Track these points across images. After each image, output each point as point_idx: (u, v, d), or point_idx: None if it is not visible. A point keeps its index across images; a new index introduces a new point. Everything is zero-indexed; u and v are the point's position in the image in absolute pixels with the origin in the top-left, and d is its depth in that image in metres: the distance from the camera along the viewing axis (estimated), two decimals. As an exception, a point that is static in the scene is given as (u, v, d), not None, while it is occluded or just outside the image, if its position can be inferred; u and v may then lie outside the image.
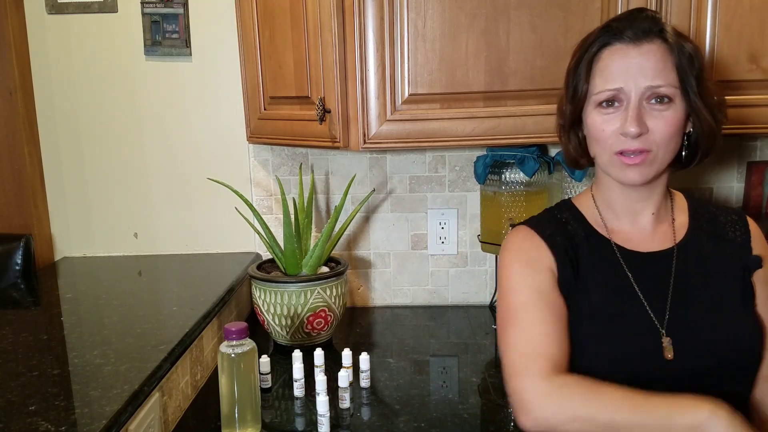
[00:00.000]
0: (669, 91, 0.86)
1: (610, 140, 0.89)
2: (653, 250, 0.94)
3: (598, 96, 0.89)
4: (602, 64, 0.89)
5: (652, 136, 0.87)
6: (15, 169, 1.62)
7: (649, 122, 0.87)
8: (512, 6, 1.21)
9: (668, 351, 0.87)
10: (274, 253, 1.46)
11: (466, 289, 1.71)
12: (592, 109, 0.91)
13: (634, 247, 0.94)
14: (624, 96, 0.87)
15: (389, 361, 1.36)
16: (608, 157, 0.90)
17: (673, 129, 0.87)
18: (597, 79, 0.90)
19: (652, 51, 0.87)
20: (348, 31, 1.26)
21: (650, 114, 0.87)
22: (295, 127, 1.40)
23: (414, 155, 1.65)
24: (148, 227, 1.73)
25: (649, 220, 0.96)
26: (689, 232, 0.96)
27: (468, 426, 1.09)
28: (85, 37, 1.63)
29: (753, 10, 1.20)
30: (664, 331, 0.88)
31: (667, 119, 0.87)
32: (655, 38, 0.87)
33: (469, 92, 1.25)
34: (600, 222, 0.98)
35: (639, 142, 0.87)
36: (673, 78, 0.87)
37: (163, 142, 1.68)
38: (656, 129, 0.87)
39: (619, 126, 0.87)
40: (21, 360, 1.06)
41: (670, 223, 0.97)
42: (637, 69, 0.86)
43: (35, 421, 0.86)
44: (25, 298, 1.47)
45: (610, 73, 0.88)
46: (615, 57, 0.88)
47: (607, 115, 0.89)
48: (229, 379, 1.02)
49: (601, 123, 0.89)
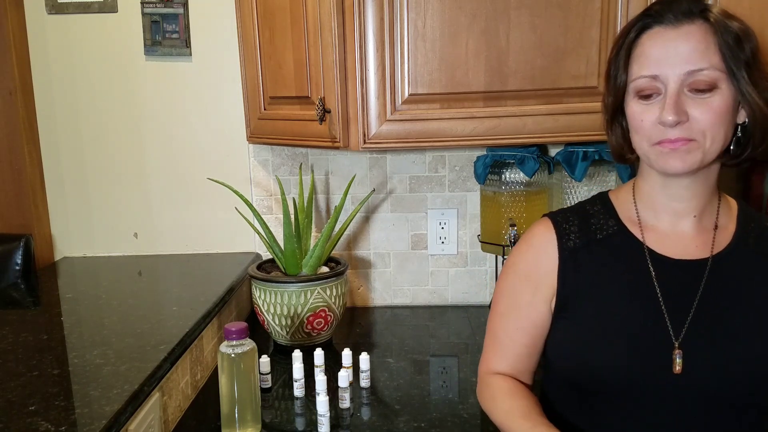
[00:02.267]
0: (712, 74, 0.79)
1: (649, 131, 0.83)
2: (686, 258, 0.87)
3: (635, 83, 0.84)
4: (640, 50, 0.84)
5: (695, 125, 0.80)
6: (15, 169, 1.62)
7: (691, 110, 0.80)
8: (512, 6, 1.21)
9: (677, 364, 0.82)
10: (274, 253, 1.46)
11: (466, 289, 1.71)
12: (631, 99, 0.85)
13: (665, 251, 0.88)
14: (661, 84, 0.81)
15: (389, 361, 1.36)
16: (648, 148, 0.84)
17: (717, 116, 0.79)
18: (634, 66, 0.84)
19: (691, 32, 0.80)
20: (348, 31, 1.26)
21: (692, 102, 0.80)
22: (295, 127, 1.40)
23: (414, 155, 1.65)
24: (148, 227, 1.73)
25: (691, 223, 0.88)
26: (732, 245, 0.88)
27: (468, 426, 1.09)
28: (85, 37, 1.63)
29: (753, 10, 1.19)
30: (677, 344, 0.83)
31: (710, 106, 0.79)
32: (696, 18, 0.80)
33: (469, 92, 1.25)
34: (634, 219, 0.91)
35: (679, 131, 0.80)
36: (716, 60, 0.79)
37: (163, 142, 1.68)
38: (699, 117, 0.80)
39: (658, 114, 0.81)
40: (21, 360, 1.06)
41: (713, 229, 0.89)
42: (675, 53, 0.80)
43: (35, 421, 0.86)
44: (25, 298, 1.47)
45: (647, 58, 0.82)
46: (653, 41, 0.82)
47: (646, 105, 0.83)
48: (229, 379, 1.02)
49: (640, 113, 0.84)
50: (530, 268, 0.94)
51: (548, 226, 0.94)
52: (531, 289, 0.93)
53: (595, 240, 0.91)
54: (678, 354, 0.82)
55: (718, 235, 0.89)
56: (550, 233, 0.93)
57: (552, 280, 0.92)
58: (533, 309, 0.93)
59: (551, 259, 0.92)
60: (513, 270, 0.97)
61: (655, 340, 0.84)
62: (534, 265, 0.94)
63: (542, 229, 0.95)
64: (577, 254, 0.91)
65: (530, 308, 0.94)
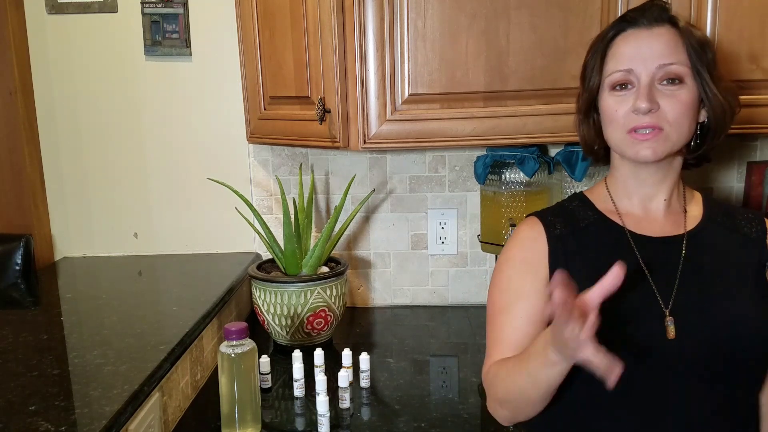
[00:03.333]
0: (680, 69, 0.89)
1: (623, 119, 0.91)
2: (663, 235, 0.96)
3: (611, 78, 0.92)
4: (615, 49, 0.93)
5: (663, 114, 0.89)
6: (15, 169, 1.62)
7: (661, 101, 0.89)
8: (512, 6, 1.21)
9: (670, 331, 0.88)
10: (274, 253, 1.46)
11: (466, 289, 1.71)
12: (606, 94, 0.94)
13: (644, 231, 0.96)
14: (635, 77, 0.90)
15: (389, 361, 1.36)
16: (621, 136, 0.92)
17: (684, 107, 0.89)
18: (609, 63, 0.93)
19: (662, 33, 0.90)
20: (348, 31, 1.26)
21: (662, 94, 0.89)
22: (295, 127, 1.40)
23: (414, 155, 1.65)
24: (148, 227, 1.73)
25: (661, 206, 0.97)
26: (702, 223, 0.97)
27: (468, 426, 1.09)
28: (85, 37, 1.63)
29: (753, 10, 1.20)
30: (668, 312, 0.89)
31: (678, 98, 0.89)
32: (666, 23, 0.91)
33: (469, 92, 1.25)
34: (611, 208, 0.99)
35: (650, 118, 0.89)
36: (684, 58, 0.89)
37: (163, 143, 1.68)
38: (668, 107, 0.89)
39: (631, 104, 0.90)
40: (21, 360, 1.06)
41: (683, 212, 0.98)
42: (648, 50, 0.90)
43: (35, 421, 0.86)
44: (25, 298, 1.47)
45: (622, 54, 0.92)
46: (627, 41, 0.92)
47: (620, 96, 0.92)
48: (229, 379, 1.02)
49: (614, 104, 0.92)
50: (525, 256, 0.98)
51: (534, 220, 1.01)
52: (531, 275, 0.97)
53: (579, 228, 0.98)
54: (670, 321, 0.88)
55: (688, 216, 0.98)
56: (537, 225, 0.99)
57: (545, 267, 0.96)
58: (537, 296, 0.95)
59: (541, 247, 0.97)
60: (509, 264, 1.00)
61: (647, 310, 0.90)
62: (529, 252, 0.98)
63: (529, 223, 1.01)
64: (564, 240, 0.97)
65: (534, 295, 0.95)
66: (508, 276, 0.99)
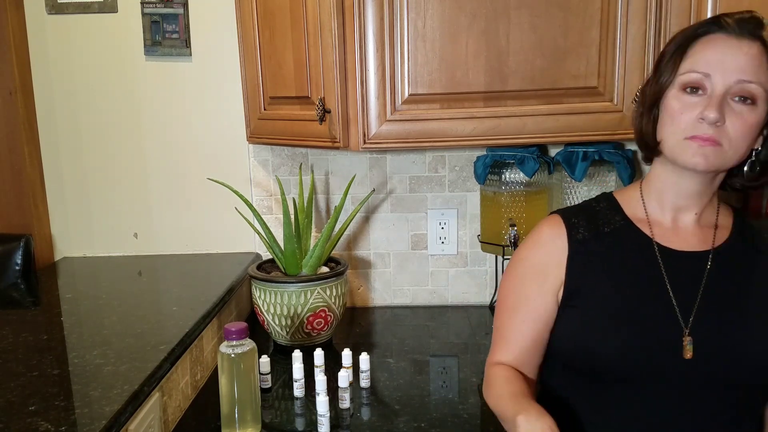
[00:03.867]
0: (757, 90, 0.85)
1: (686, 124, 0.87)
2: (689, 250, 0.93)
3: (686, 77, 0.88)
4: (697, 48, 0.88)
5: (726, 131, 0.85)
6: (15, 169, 1.62)
7: (727, 117, 0.85)
8: (512, 6, 1.21)
9: (688, 350, 0.86)
10: (274, 253, 1.46)
11: (466, 289, 1.71)
12: (675, 91, 0.89)
13: (670, 243, 0.94)
14: (710, 84, 0.86)
15: (389, 361, 1.36)
16: (677, 140, 0.88)
17: (748, 130, 0.86)
18: (687, 61, 0.88)
19: (751, 48, 0.86)
20: (348, 31, 1.26)
21: (731, 110, 0.85)
22: (295, 127, 1.40)
23: (414, 155, 1.65)
24: (148, 227, 1.73)
25: (692, 219, 0.95)
26: (730, 240, 0.94)
27: (468, 426, 1.09)
28: (85, 37, 1.63)
29: (752, 10, 1.19)
30: (687, 330, 0.87)
31: (745, 119, 0.85)
32: (757, 40, 0.86)
33: (469, 92, 1.25)
34: (640, 214, 0.97)
35: (713, 130, 0.85)
36: (764, 80, 0.85)
37: (163, 143, 1.68)
38: (732, 125, 0.85)
39: (698, 112, 0.86)
40: (21, 360, 1.06)
41: (712, 228, 0.95)
42: (731, 61, 0.85)
43: (35, 421, 0.86)
44: (25, 298, 1.47)
45: (703, 56, 0.87)
46: (713, 44, 0.87)
47: (689, 100, 0.87)
48: (229, 379, 1.02)
49: (681, 106, 0.88)
50: (540, 261, 0.97)
51: (557, 221, 0.99)
52: (539, 281, 0.97)
53: (603, 233, 0.96)
54: (689, 341, 0.87)
55: (717, 232, 0.95)
56: (560, 227, 0.98)
57: (560, 271, 0.95)
58: (540, 300, 0.96)
59: (561, 251, 0.96)
60: (522, 264, 1.00)
61: (665, 326, 0.88)
62: (545, 257, 0.97)
63: (552, 223, 0.99)
64: (587, 245, 0.95)
65: (538, 300, 0.96)
66: (519, 276, 0.99)
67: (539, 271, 0.97)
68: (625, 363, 0.88)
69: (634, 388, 0.89)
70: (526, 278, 0.98)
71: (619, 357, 0.88)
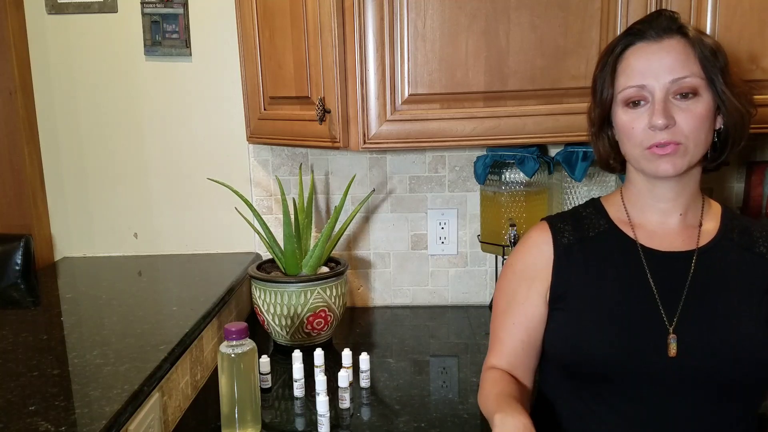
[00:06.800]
0: (694, 82, 0.87)
1: (640, 136, 0.89)
2: (674, 250, 0.94)
3: (623, 93, 0.91)
4: (625, 63, 0.91)
5: (680, 129, 0.87)
6: (15, 169, 1.62)
7: (676, 116, 0.87)
8: (512, 6, 1.21)
9: (672, 348, 0.87)
10: (274, 253, 1.46)
11: (466, 289, 1.71)
12: (619, 110, 0.92)
13: (655, 245, 0.95)
14: (648, 93, 0.88)
15: (389, 361, 1.36)
16: (639, 153, 0.91)
17: (700, 121, 0.87)
18: (621, 78, 0.91)
19: (673, 45, 0.88)
20: (348, 31, 1.26)
21: (677, 108, 0.87)
22: (295, 127, 1.40)
23: (414, 155, 1.65)
24: (148, 227, 1.73)
25: (677, 221, 0.96)
26: (715, 240, 0.95)
27: (468, 426, 1.09)
28: (85, 37, 1.63)
29: (753, 10, 1.20)
30: (672, 329, 0.88)
31: (693, 112, 0.87)
32: (675, 34, 0.89)
33: (469, 92, 1.25)
34: (624, 218, 0.98)
35: (667, 134, 0.87)
36: (696, 69, 0.87)
37: (163, 143, 1.68)
38: (683, 122, 0.87)
39: (647, 121, 0.88)
40: (21, 360, 1.06)
41: (697, 227, 0.96)
42: (659, 64, 0.87)
43: (35, 421, 0.86)
44: (25, 298, 1.47)
45: (633, 70, 0.90)
46: (637, 55, 0.90)
47: (635, 113, 0.90)
48: (229, 379, 1.02)
49: (630, 121, 0.90)
50: (526, 266, 1.00)
51: (544, 227, 1.02)
52: (527, 285, 0.99)
53: (587, 237, 0.98)
54: (673, 338, 0.88)
55: (703, 231, 0.96)
56: (546, 233, 1.00)
57: (547, 274, 0.98)
58: (529, 304, 0.98)
59: (546, 255, 0.99)
60: (511, 270, 1.03)
61: (650, 325, 0.89)
62: (531, 262, 1.00)
63: (539, 230, 1.02)
64: (572, 249, 0.97)
65: (526, 303, 0.99)
66: (509, 281, 1.02)
67: (527, 276, 0.99)
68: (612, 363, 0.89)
69: (622, 387, 0.90)
70: (515, 283, 1.01)
71: (606, 357, 0.89)
